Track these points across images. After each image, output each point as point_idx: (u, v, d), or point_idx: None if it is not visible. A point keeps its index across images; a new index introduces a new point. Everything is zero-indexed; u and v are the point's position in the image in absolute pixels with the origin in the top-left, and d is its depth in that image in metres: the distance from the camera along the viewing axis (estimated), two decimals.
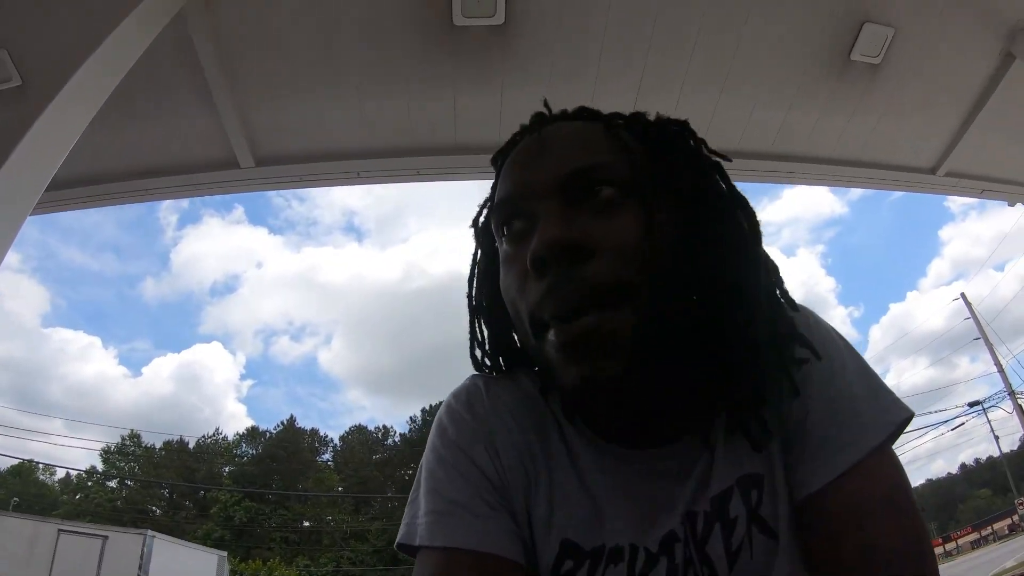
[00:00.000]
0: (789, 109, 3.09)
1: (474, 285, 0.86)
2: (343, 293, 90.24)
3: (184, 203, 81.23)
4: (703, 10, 2.61)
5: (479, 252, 0.85)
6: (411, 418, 54.99)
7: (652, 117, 0.81)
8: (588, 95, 2.81)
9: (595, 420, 0.76)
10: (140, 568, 12.38)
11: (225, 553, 16.30)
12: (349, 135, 2.95)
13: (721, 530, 0.71)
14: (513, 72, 2.68)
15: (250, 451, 50.15)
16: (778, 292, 0.75)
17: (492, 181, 0.80)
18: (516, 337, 0.81)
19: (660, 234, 0.67)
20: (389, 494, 47.21)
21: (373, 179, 3.09)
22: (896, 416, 0.72)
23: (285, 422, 52.06)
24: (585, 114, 0.79)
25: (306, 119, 2.90)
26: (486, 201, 0.84)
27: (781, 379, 0.72)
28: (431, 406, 50.58)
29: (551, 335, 0.66)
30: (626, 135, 0.75)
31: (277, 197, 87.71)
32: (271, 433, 51.21)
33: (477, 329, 0.85)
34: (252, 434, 51.41)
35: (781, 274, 0.76)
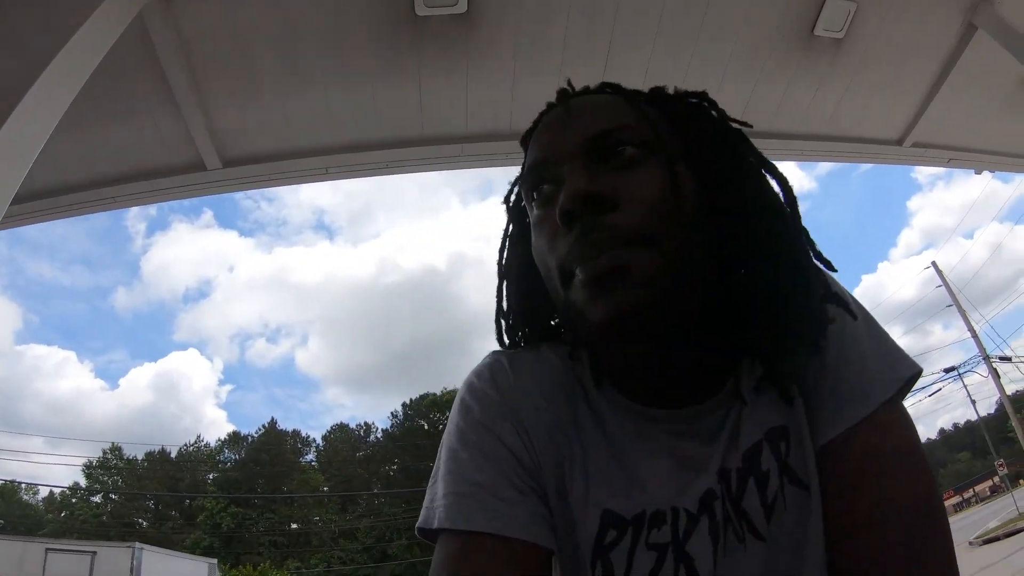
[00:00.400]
0: (755, 84, 3.11)
1: (504, 255, 0.86)
2: (317, 292, 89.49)
3: (152, 210, 79.40)
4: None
5: (511, 226, 0.87)
6: (392, 413, 54.79)
7: (671, 91, 0.83)
8: (554, 78, 2.78)
9: (623, 378, 0.76)
10: None
11: (215, 560, 16.17)
12: (315, 131, 2.91)
13: (756, 484, 0.72)
14: (477, 60, 2.66)
15: (233, 456, 49.44)
16: (812, 253, 0.76)
17: (520, 160, 0.81)
18: (542, 306, 0.82)
19: (683, 190, 0.69)
20: (375, 491, 47.01)
21: (341, 174, 3.06)
22: (905, 372, 0.74)
23: (266, 425, 51.29)
24: (608, 88, 0.80)
25: (271, 117, 2.86)
26: (517, 178, 0.85)
27: (811, 334, 0.73)
28: (412, 400, 50.33)
29: (578, 278, 0.67)
30: (647, 106, 0.76)
31: (246, 199, 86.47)
32: (253, 437, 50.55)
33: (504, 298, 0.85)
34: (234, 439, 50.74)
35: (810, 236, 0.77)
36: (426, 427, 48.16)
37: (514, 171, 0.86)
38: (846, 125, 3.46)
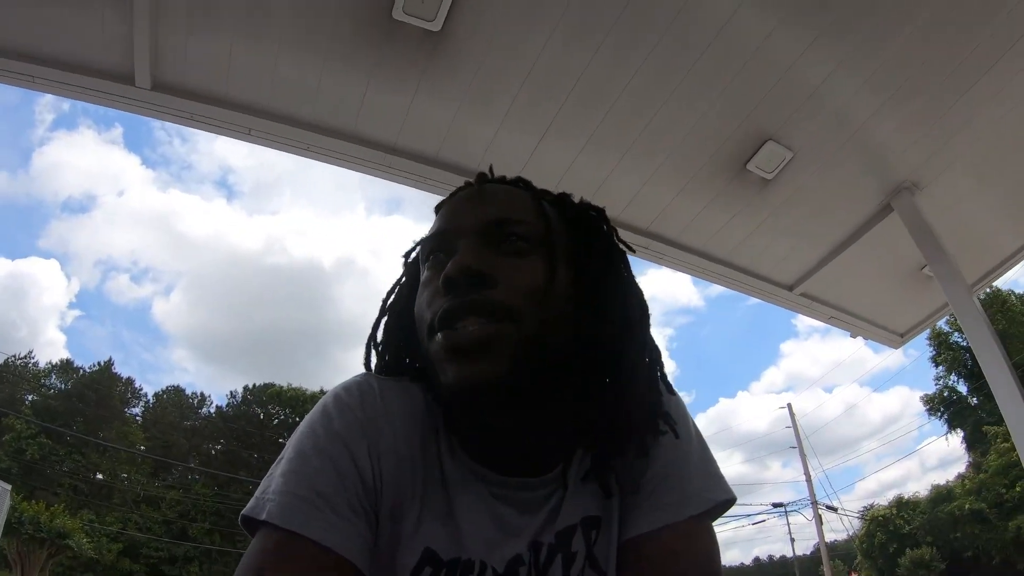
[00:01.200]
0: (677, 195, 3.23)
1: (390, 299, 0.93)
2: (197, 247, 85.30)
3: (65, 104, 73.65)
4: (627, 82, 2.68)
5: (404, 278, 0.94)
6: (231, 393, 52.15)
7: (576, 200, 0.95)
8: (493, 126, 2.84)
9: (466, 437, 0.81)
10: None
11: (9, 486, 14.84)
12: (253, 88, 2.80)
13: (562, 561, 0.80)
14: (431, 81, 2.65)
15: (59, 385, 45.99)
16: (658, 374, 0.87)
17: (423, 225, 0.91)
18: (414, 352, 0.89)
19: (557, 288, 0.78)
20: (192, 465, 44.62)
21: (263, 140, 2.94)
22: (720, 496, 0.84)
23: (102, 363, 47.86)
24: (520, 183, 0.91)
25: (217, 55, 2.72)
26: (420, 240, 0.92)
27: (639, 442, 0.82)
28: (254, 385, 48.06)
29: (438, 339, 0.74)
30: (549, 207, 0.87)
31: (160, 129, 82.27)
32: (85, 371, 47.02)
33: (379, 331, 0.91)
34: (65, 367, 46.68)
35: (662, 359, 0.88)
36: (261, 417, 46.19)
37: (423, 195, 0.95)
38: (747, 258, 3.64)
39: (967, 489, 23.90)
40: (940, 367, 29.35)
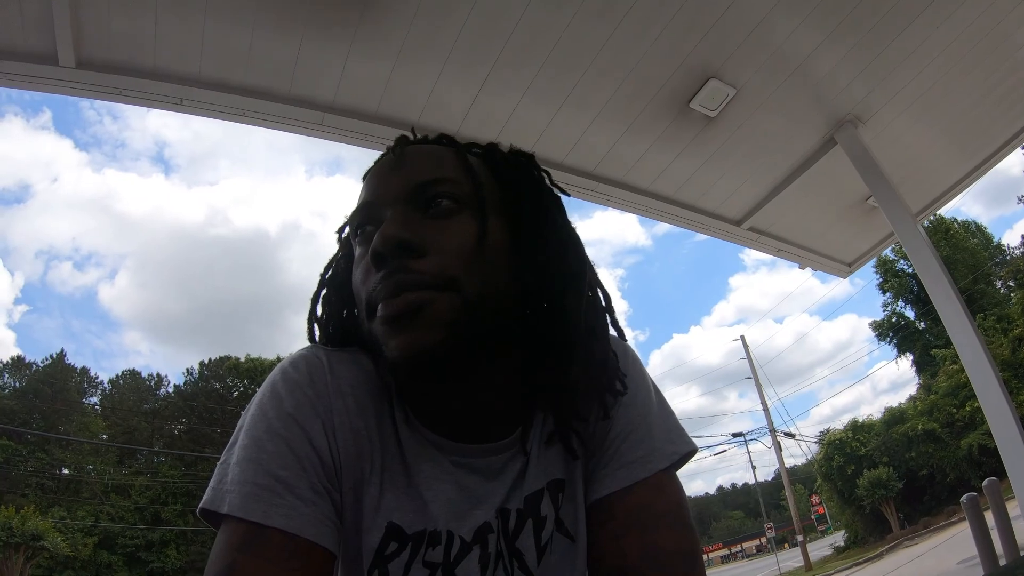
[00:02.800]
0: (620, 137, 3.24)
1: (327, 275, 0.90)
2: (139, 227, 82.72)
3: None
4: (565, 26, 2.65)
5: (340, 254, 0.91)
6: (188, 370, 50.66)
7: (507, 148, 0.91)
8: (431, 81, 2.79)
9: (419, 407, 0.80)
10: None
11: None
12: (181, 58, 2.69)
13: (532, 526, 0.80)
14: (365, 35, 2.58)
15: (13, 383, 44.53)
16: (609, 322, 0.86)
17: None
18: (355, 326, 0.85)
19: (491, 245, 0.76)
20: (156, 448, 43.99)
21: (196, 109, 2.83)
22: (683, 448, 0.85)
23: (55, 356, 46.41)
24: (444, 140, 0.87)
25: (141, 27, 2.60)
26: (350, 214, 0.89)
27: (600, 404, 0.83)
28: (210, 360, 46.96)
29: (379, 314, 0.72)
30: (476, 161, 0.84)
31: (90, 109, 79.23)
32: (38, 366, 45.68)
33: (319, 304, 0.89)
34: (16, 364, 45.14)
35: (612, 305, 0.87)
36: (221, 390, 45.53)
37: (366, 153, 0.91)
38: (693, 195, 3.70)
39: (919, 410, 24.90)
40: (887, 294, 30.34)
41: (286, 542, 0.65)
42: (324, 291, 0.89)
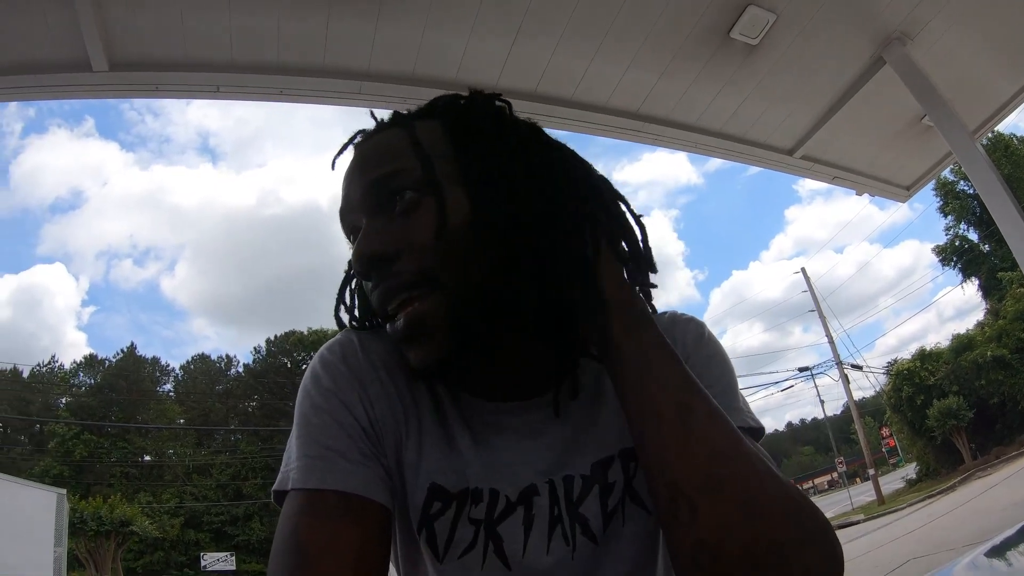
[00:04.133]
0: (662, 74, 3.14)
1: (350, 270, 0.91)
2: (192, 216, 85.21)
3: (31, 111, 72.87)
4: None
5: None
6: (255, 348, 52.97)
7: (464, 95, 0.87)
8: (464, 36, 2.75)
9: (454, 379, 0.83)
10: None
11: (64, 491, 15.20)
12: (211, 45, 2.71)
13: (599, 492, 0.79)
14: (392, 1, 2.55)
15: (88, 380, 46.73)
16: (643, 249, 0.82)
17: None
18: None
19: (457, 223, 0.74)
20: (232, 427, 45.78)
21: (233, 94, 2.88)
22: (758, 423, 0.83)
23: (125, 349, 48.80)
24: (397, 119, 0.85)
25: (168, 22, 2.63)
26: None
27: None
28: (276, 336, 49.24)
29: (388, 327, 0.76)
30: (427, 133, 0.80)
31: (131, 111, 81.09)
32: (110, 361, 47.82)
33: (346, 294, 0.90)
34: (90, 362, 47.59)
35: (628, 224, 0.82)
36: (289, 365, 47.06)
37: None
38: (742, 128, 3.58)
39: (987, 336, 24.15)
40: (949, 217, 29.25)
41: (341, 501, 0.69)
42: (350, 284, 0.91)
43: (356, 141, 0.85)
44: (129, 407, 44.35)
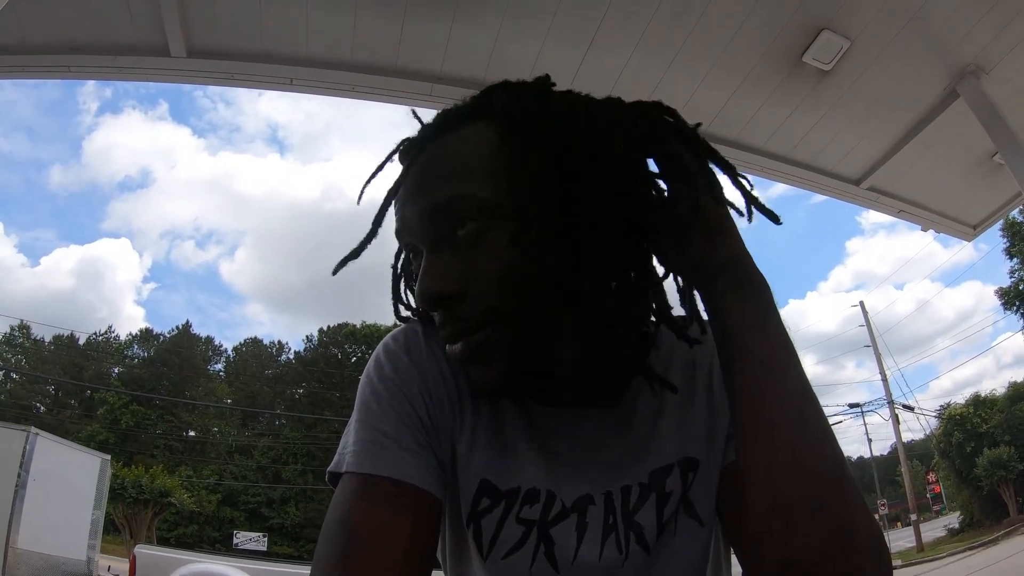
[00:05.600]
0: (732, 94, 3.12)
1: (400, 258, 0.91)
2: (256, 204, 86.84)
3: (108, 91, 75.45)
4: None
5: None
6: (307, 337, 53.47)
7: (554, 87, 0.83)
8: (537, 43, 2.77)
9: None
10: (21, 467, 11.76)
11: (109, 456, 15.67)
12: (288, 38, 2.80)
13: (656, 501, 0.78)
14: (468, 6, 2.59)
15: (142, 354, 48.22)
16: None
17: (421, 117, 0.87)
18: None
19: (529, 257, 0.71)
20: (278, 411, 46.60)
21: (306, 88, 2.96)
22: None
23: (180, 327, 50.19)
24: (449, 124, 0.79)
25: (246, 13, 2.73)
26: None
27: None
28: (329, 327, 49.73)
29: (446, 347, 0.77)
30: (480, 142, 0.75)
31: (204, 98, 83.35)
32: (165, 337, 49.25)
33: (400, 291, 0.92)
34: (145, 336, 49.21)
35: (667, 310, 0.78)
36: (339, 356, 47.61)
37: None
38: (810, 154, 3.52)
39: None
40: (1015, 259, 28.13)
41: (394, 488, 0.70)
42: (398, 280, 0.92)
43: (403, 150, 0.83)
44: (179, 382, 45.65)
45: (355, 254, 0.81)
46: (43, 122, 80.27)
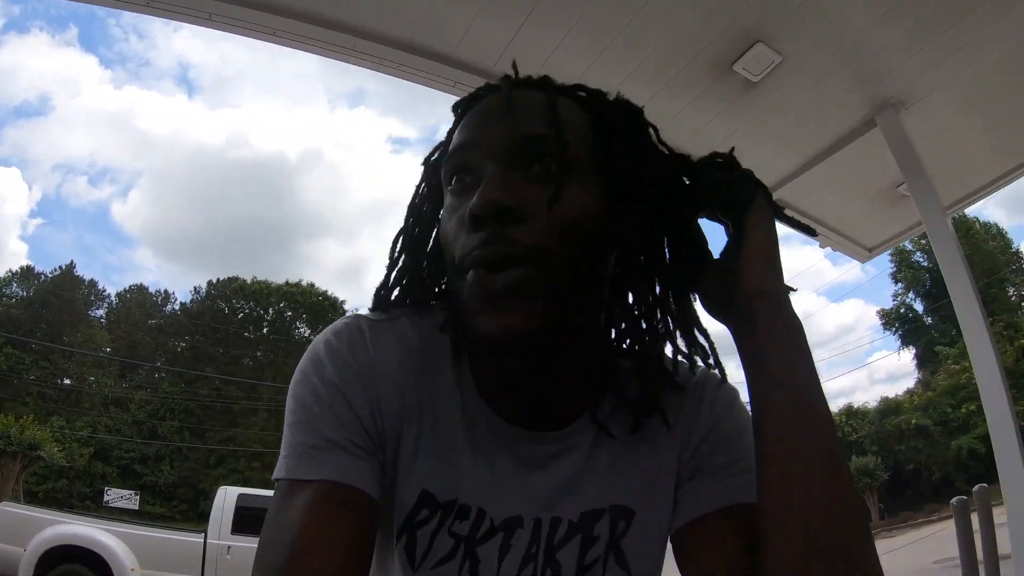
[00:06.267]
0: (658, 91, 3.15)
1: (411, 220, 0.85)
2: (156, 145, 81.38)
3: (16, 8, 69.37)
4: None
5: (424, 187, 0.86)
6: (195, 288, 51.05)
7: (612, 97, 0.83)
8: (471, 10, 2.68)
9: (480, 379, 0.79)
10: None
11: None
12: None
13: (581, 542, 0.76)
14: None
15: (21, 292, 45.02)
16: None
17: (450, 126, 0.80)
18: (432, 274, 0.84)
19: (591, 213, 0.71)
20: (158, 364, 44.62)
21: (225, 25, 2.75)
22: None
23: (64, 267, 46.77)
24: (549, 85, 0.79)
25: None
26: (440, 143, 0.84)
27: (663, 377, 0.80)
28: (218, 280, 47.54)
29: (473, 281, 0.68)
30: (582, 112, 0.77)
31: (116, 27, 77.28)
32: (47, 277, 46.02)
33: (400, 261, 0.85)
34: (25, 275, 45.44)
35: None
36: (226, 311, 45.84)
37: (388, 87, 0.80)
38: None
39: (915, 404, 25.06)
40: (899, 284, 30.23)
41: (334, 490, 0.68)
42: (410, 229, 0.85)
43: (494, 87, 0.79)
44: (57, 327, 42.72)
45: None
46: None
